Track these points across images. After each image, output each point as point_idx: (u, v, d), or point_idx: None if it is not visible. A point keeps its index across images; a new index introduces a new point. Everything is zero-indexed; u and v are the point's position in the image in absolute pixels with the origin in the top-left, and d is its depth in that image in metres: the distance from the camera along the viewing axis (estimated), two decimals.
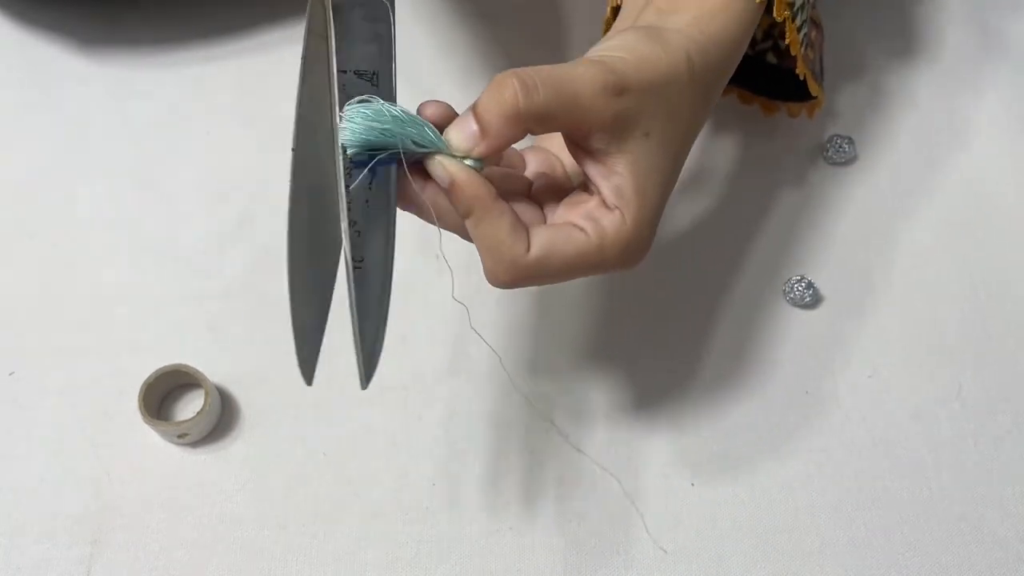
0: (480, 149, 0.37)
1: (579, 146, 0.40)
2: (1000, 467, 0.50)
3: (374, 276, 0.37)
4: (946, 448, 0.51)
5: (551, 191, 0.42)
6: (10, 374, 0.52)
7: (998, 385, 0.53)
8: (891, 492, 0.50)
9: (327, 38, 0.38)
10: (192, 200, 0.57)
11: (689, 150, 0.43)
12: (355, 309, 0.36)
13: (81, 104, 0.60)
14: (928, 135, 0.60)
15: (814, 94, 0.54)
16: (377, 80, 0.38)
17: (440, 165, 0.37)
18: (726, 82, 0.45)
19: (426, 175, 0.38)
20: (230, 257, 0.55)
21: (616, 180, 0.40)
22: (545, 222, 0.41)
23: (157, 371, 0.49)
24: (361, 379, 0.36)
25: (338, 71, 0.37)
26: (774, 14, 0.47)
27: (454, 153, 0.37)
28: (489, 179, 0.38)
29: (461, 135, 0.38)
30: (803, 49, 0.50)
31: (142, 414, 0.48)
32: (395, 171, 0.37)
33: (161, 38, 0.62)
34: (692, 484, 0.50)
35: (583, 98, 0.38)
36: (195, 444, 0.50)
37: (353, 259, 0.36)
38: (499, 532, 0.48)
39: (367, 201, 0.37)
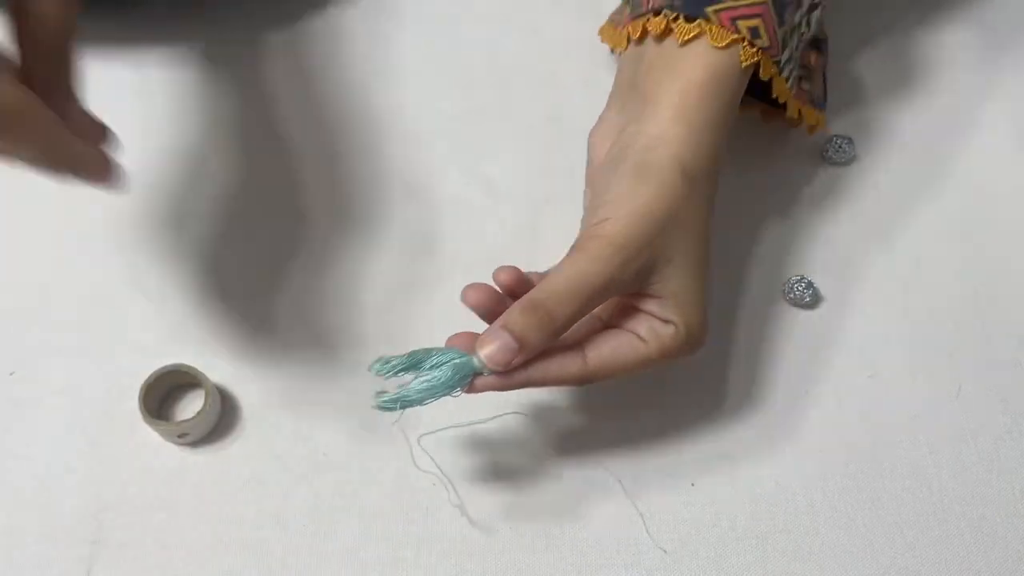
0: (518, 360, 0.41)
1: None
2: (1000, 467, 0.50)
3: None
4: (946, 448, 0.51)
5: None
6: (10, 374, 0.52)
7: (998, 385, 0.53)
8: (891, 492, 0.50)
9: None
10: (193, 200, 0.57)
11: (710, 223, 0.45)
12: None
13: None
14: (928, 135, 0.60)
15: (811, 122, 0.54)
16: None
17: (483, 386, 0.42)
18: (727, 143, 0.46)
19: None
20: (231, 257, 0.55)
21: (657, 303, 0.43)
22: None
23: (157, 371, 0.49)
24: None
25: None
26: (760, 75, 0.47)
27: (487, 364, 0.41)
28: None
29: (500, 352, 0.41)
30: (794, 87, 0.50)
31: (142, 414, 0.48)
32: None
33: (162, 38, 0.62)
34: (692, 484, 0.50)
35: (603, 288, 0.41)
36: (195, 444, 0.50)
37: None
38: (499, 532, 0.48)
39: None
